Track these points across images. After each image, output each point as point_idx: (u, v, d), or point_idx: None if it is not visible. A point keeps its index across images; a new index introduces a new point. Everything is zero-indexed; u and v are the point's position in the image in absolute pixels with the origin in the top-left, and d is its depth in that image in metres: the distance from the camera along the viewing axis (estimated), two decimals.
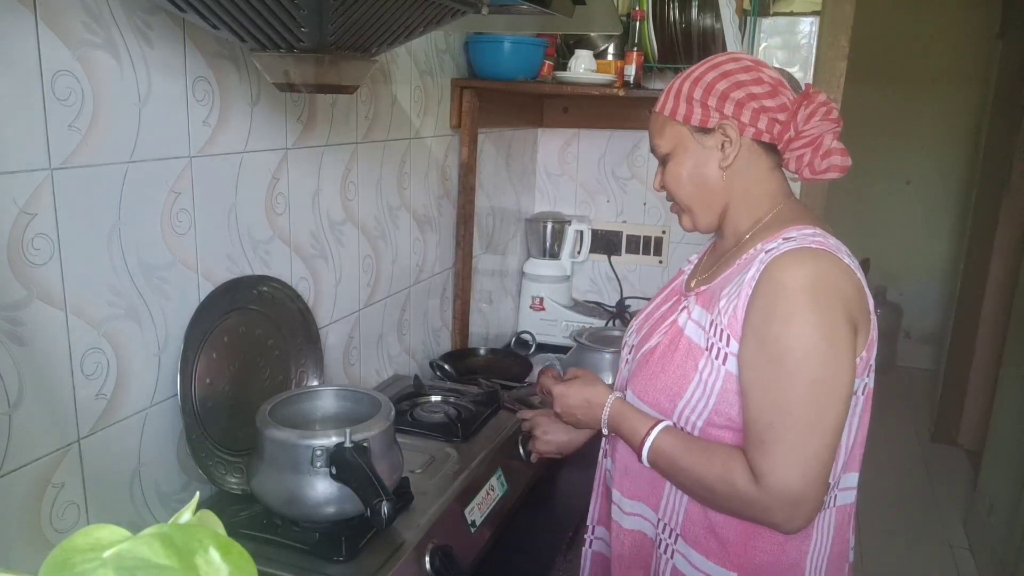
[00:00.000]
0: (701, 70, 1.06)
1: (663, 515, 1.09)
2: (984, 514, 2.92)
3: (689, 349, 1.03)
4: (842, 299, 0.94)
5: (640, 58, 1.91)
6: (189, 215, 1.08)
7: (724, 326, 0.99)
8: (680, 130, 1.06)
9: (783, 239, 1.00)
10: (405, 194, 1.68)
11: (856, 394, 0.99)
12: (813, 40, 2.15)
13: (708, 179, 1.07)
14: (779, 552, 1.01)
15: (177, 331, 1.06)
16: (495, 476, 1.28)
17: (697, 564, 1.05)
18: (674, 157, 1.08)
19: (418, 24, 0.98)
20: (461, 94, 1.83)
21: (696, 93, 1.04)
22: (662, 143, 1.09)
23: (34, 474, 0.89)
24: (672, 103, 1.07)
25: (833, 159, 1.01)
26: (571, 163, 2.47)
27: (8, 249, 0.83)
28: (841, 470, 1.02)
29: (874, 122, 4.71)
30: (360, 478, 0.95)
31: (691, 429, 1.03)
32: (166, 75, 1.01)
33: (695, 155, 1.06)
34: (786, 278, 0.94)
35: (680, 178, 1.08)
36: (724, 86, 1.03)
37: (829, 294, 0.93)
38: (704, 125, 1.04)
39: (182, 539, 0.31)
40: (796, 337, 0.92)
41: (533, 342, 2.18)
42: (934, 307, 4.88)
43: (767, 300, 0.94)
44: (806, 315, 0.92)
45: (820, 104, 1.00)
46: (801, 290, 0.93)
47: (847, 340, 0.93)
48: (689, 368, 1.02)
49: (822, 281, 0.94)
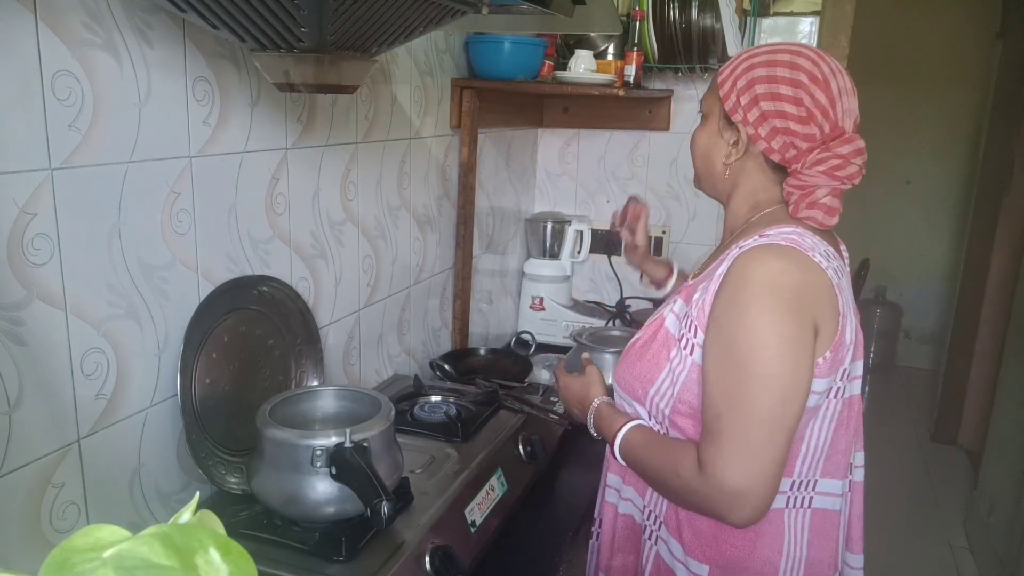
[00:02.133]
0: (760, 59, 1.02)
1: (648, 502, 1.12)
2: (984, 514, 2.92)
3: (665, 340, 1.06)
4: (803, 297, 0.93)
5: (640, 58, 1.91)
6: (189, 215, 1.08)
7: (694, 317, 1.01)
8: (717, 106, 1.06)
9: (758, 236, 1.00)
10: (405, 194, 1.68)
11: (827, 397, 0.99)
12: (813, 40, 2.15)
13: (713, 162, 1.09)
14: (750, 549, 1.02)
15: (177, 331, 1.06)
16: (495, 476, 1.28)
17: (676, 554, 1.07)
18: (702, 123, 1.11)
19: (418, 24, 0.98)
20: (461, 94, 1.83)
21: (740, 82, 1.02)
22: (704, 104, 1.11)
23: (34, 474, 0.89)
24: (727, 75, 1.05)
25: (814, 212, 0.98)
26: (571, 163, 2.47)
27: (8, 249, 0.83)
28: (818, 473, 1.02)
29: (874, 122, 4.68)
30: (360, 478, 0.95)
31: (660, 417, 1.05)
32: (166, 75, 1.01)
33: (712, 136, 1.08)
34: (748, 271, 0.94)
35: (697, 143, 1.12)
36: (762, 90, 0.99)
37: (789, 290, 0.92)
38: (731, 116, 1.04)
39: (182, 539, 0.31)
40: (750, 330, 0.92)
41: (533, 342, 2.18)
42: (934, 307, 4.88)
43: (729, 292, 0.95)
44: (762, 309, 0.92)
45: (835, 156, 0.96)
46: (760, 284, 0.92)
47: (804, 339, 0.92)
48: (662, 358, 1.05)
49: (783, 277, 0.93)
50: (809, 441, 1.00)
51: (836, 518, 1.06)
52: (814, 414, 0.99)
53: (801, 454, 1.01)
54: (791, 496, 1.02)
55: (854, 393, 1.04)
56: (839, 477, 1.05)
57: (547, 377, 1.97)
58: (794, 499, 1.02)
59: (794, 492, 1.02)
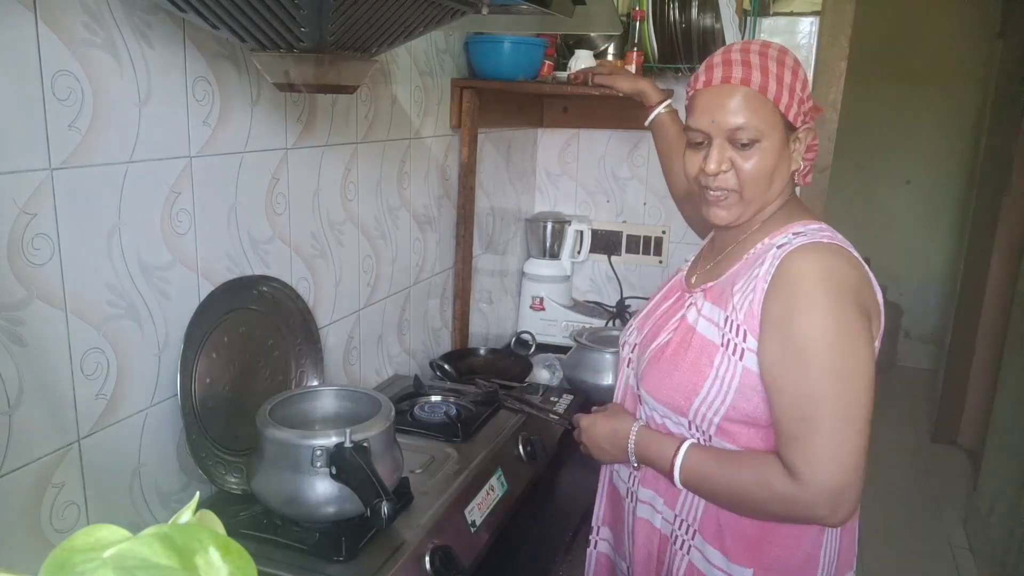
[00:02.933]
0: (787, 58, 1.00)
1: (680, 511, 1.09)
2: (984, 514, 2.92)
3: (703, 346, 1.02)
4: (858, 290, 0.96)
5: (640, 58, 1.91)
6: (189, 215, 1.08)
7: (740, 322, 0.99)
8: (777, 119, 0.98)
9: (792, 234, 1.01)
10: (405, 194, 1.68)
11: None
12: (813, 40, 2.15)
13: (774, 180, 1.01)
14: (794, 546, 1.02)
15: (177, 331, 1.06)
16: (495, 476, 1.28)
17: (714, 561, 1.05)
18: (764, 146, 0.99)
19: (418, 24, 0.98)
20: (461, 94, 1.83)
21: (797, 85, 0.98)
22: (758, 123, 0.97)
23: (34, 474, 0.89)
24: (774, 86, 0.97)
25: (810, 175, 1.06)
26: (571, 163, 2.47)
27: (8, 249, 0.83)
28: None
29: (874, 122, 4.72)
30: (360, 478, 0.95)
31: (707, 426, 1.03)
32: (166, 75, 1.01)
33: (780, 150, 1.00)
34: (802, 272, 0.94)
35: (765, 169, 0.99)
36: (801, 84, 1.00)
37: (844, 286, 0.94)
38: (795, 123, 0.99)
39: (182, 539, 0.31)
40: (820, 329, 0.92)
41: (533, 342, 2.18)
42: (934, 307, 4.88)
43: (785, 295, 0.95)
44: (825, 307, 0.93)
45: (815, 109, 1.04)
46: (818, 283, 0.93)
47: (865, 330, 0.94)
48: (704, 365, 1.01)
49: (836, 274, 0.95)
50: None
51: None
52: None
53: None
54: None
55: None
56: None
57: (547, 377, 1.97)
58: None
59: None
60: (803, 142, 1.03)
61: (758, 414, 0.99)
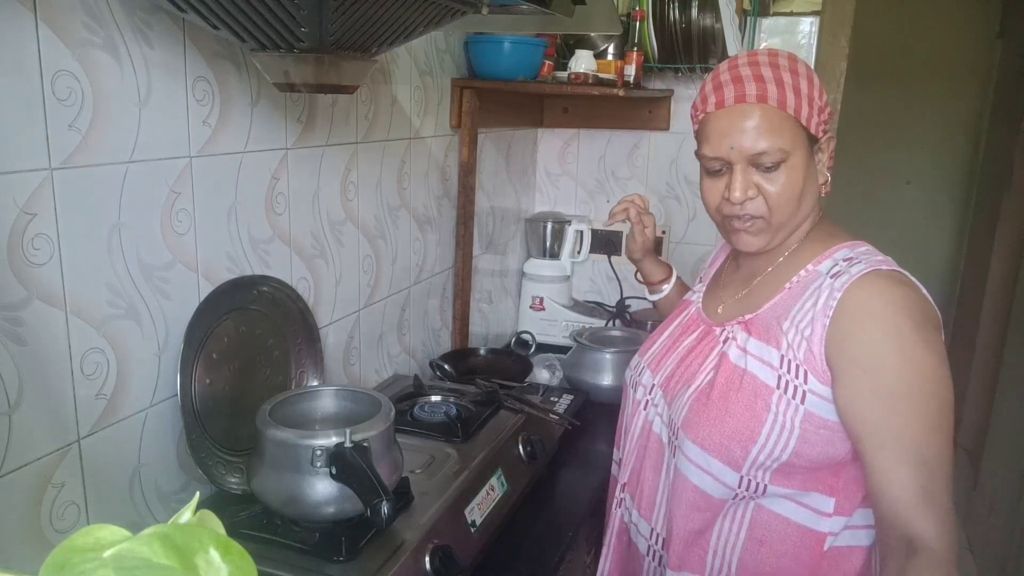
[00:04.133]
0: (800, 66, 0.93)
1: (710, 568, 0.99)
2: (984, 514, 2.92)
3: (756, 388, 0.92)
4: (934, 321, 0.89)
5: (640, 58, 1.91)
6: (189, 215, 1.08)
7: (799, 361, 0.89)
8: (801, 133, 0.92)
9: (843, 260, 0.92)
10: (405, 194, 1.68)
11: None
12: (813, 40, 2.15)
13: (806, 196, 0.94)
14: None
15: (177, 331, 1.06)
16: (495, 476, 1.28)
17: None
18: (791, 165, 0.92)
19: (418, 24, 0.98)
20: (461, 94, 1.83)
21: (815, 93, 0.92)
22: (782, 143, 0.90)
23: (34, 474, 0.89)
24: (793, 99, 0.91)
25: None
26: (571, 163, 2.47)
27: (8, 249, 0.83)
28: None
29: (874, 122, 4.71)
30: (360, 478, 0.95)
31: (762, 475, 0.93)
32: (166, 75, 1.01)
33: (807, 166, 0.93)
34: (879, 306, 0.86)
35: (794, 191, 0.92)
36: (816, 93, 0.93)
37: (924, 315, 0.87)
38: (817, 134, 0.93)
39: (182, 539, 0.31)
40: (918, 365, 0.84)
41: (533, 342, 2.18)
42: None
43: (865, 331, 0.86)
44: (918, 342, 0.85)
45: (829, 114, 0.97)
46: (901, 317, 0.85)
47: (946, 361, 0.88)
48: (760, 409, 0.91)
49: (914, 303, 0.87)
50: None
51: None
52: None
53: None
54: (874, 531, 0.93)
55: None
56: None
57: (547, 377, 1.97)
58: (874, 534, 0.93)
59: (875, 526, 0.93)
60: (825, 152, 0.96)
61: (823, 459, 0.91)
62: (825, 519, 0.92)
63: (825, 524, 0.92)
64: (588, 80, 1.86)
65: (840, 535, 0.92)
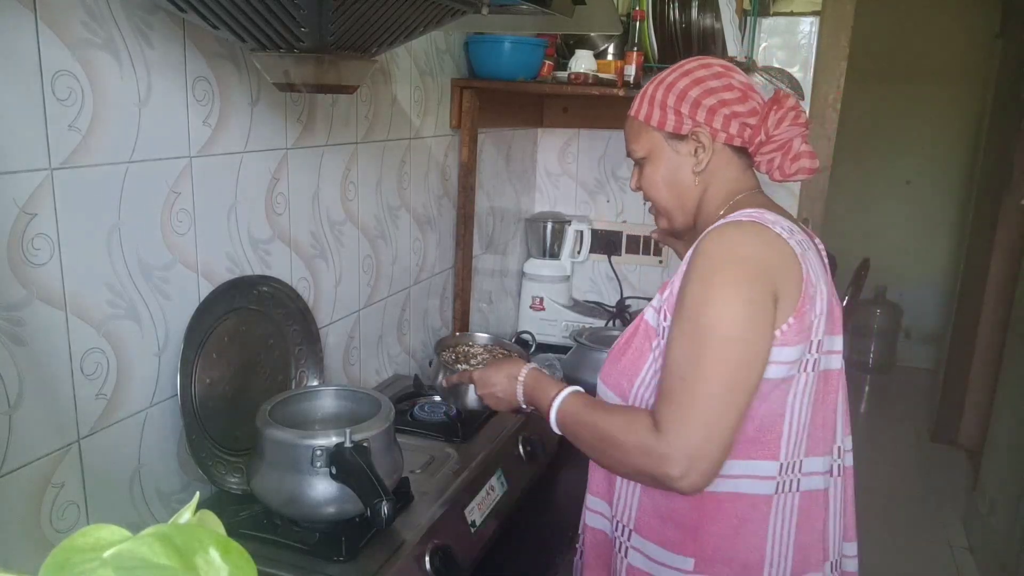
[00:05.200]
0: (674, 76, 1.09)
1: (616, 512, 1.10)
2: (984, 514, 2.92)
3: (646, 332, 1.06)
4: (762, 265, 0.96)
5: (640, 58, 1.91)
6: (189, 215, 1.08)
7: (666, 306, 1.02)
8: (655, 135, 1.10)
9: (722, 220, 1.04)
10: (405, 194, 1.68)
11: (801, 370, 0.99)
12: (813, 40, 2.15)
13: (682, 183, 1.10)
14: (733, 537, 1.01)
15: (177, 331, 1.06)
16: (495, 476, 1.29)
17: (653, 555, 1.05)
18: (650, 162, 1.11)
19: (418, 24, 0.98)
20: (461, 94, 1.83)
21: (670, 100, 1.07)
22: (638, 147, 1.12)
23: (34, 474, 0.89)
24: (647, 108, 1.10)
25: (802, 162, 1.04)
26: (571, 163, 2.47)
27: (8, 249, 0.83)
28: (802, 453, 1.02)
29: (874, 122, 4.72)
30: (360, 478, 0.95)
31: (645, 406, 1.04)
32: (166, 75, 1.01)
33: (669, 160, 1.10)
34: (709, 247, 0.97)
35: (656, 182, 1.12)
36: (696, 93, 1.06)
37: (748, 259, 0.96)
38: (678, 131, 1.07)
39: (182, 539, 0.31)
40: (711, 298, 0.94)
41: (533, 342, 2.18)
42: (934, 307, 4.88)
43: (691, 269, 0.98)
44: (724, 279, 0.95)
45: (789, 108, 1.03)
46: (720, 255, 0.96)
47: (763, 306, 0.95)
48: (645, 349, 1.05)
49: (741, 248, 0.97)
50: (791, 419, 1.00)
51: (821, 497, 1.06)
52: (789, 387, 0.99)
53: (785, 435, 1.00)
54: (781, 480, 1.01)
55: (831, 368, 1.04)
56: (821, 454, 1.05)
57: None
58: (784, 483, 1.02)
59: (783, 476, 1.01)
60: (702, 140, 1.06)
61: None
62: None
63: None
64: (588, 80, 1.86)
65: (719, 481, 0.99)
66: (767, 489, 1.01)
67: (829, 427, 1.06)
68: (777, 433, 1.00)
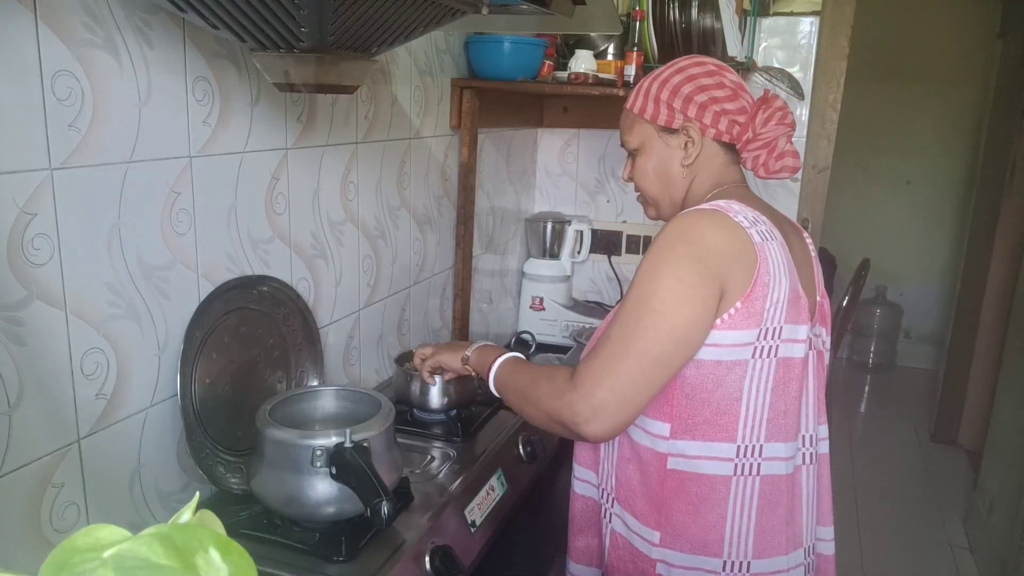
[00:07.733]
0: (668, 72, 1.13)
1: (601, 480, 1.16)
2: (984, 514, 2.92)
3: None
4: (711, 249, 1.00)
5: (640, 58, 1.91)
6: (189, 215, 1.08)
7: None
8: (648, 128, 1.14)
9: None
10: (405, 194, 1.68)
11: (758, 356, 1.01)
12: (813, 40, 2.15)
13: (671, 174, 1.15)
14: (693, 514, 1.05)
15: (177, 331, 1.06)
16: (495, 476, 1.29)
17: (631, 525, 1.10)
18: (642, 153, 1.16)
19: (418, 24, 0.98)
20: (461, 94, 1.83)
21: (663, 94, 1.12)
22: (631, 139, 1.17)
23: (34, 474, 0.89)
24: (641, 102, 1.14)
25: (786, 160, 1.09)
26: (571, 163, 2.47)
27: (8, 249, 0.83)
28: (762, 438, 1.04)
29: (874, 122, 4.71)
30: (360, 478, 0.95)
31: None
32: (166, 75, 1.01)
33: (660, 152, 1.14)
34: (668, 228, 1.03)
35: (646, 173, 1.16)
36: (689, 89, 1.10)
37: (694, 243, 1.00)
38: (669, 125, 1.12)
39: (182, 539, 0.31)
40: (653, 272, 0.99)
41: (533, 342, 2.18)
42: (934, 307, 4.88)
43: (649, 246, 1.03)
44: (669, 257, 0.99)
45: (776, 109, 1.07)
46: (671, 236, 1.01)
47: (704, 288, 0.98)
48: None
49: (692, 231, 1.01)
50: (748, 404, 1.03)
51: (784, 482, 1.07)
52: (745, 372, 1.01)
53: (742, 418, 1.03)
54: (739, 463, 1.04)
55: (793, 356, 1.05)
56: (783, 440, 1.07)
57: None
58: (742, 466, 1.04)
59: (741, 459, 1.04)
60: (691, 135, 1.11)
61: None
62: (663, 441, 1.06)
63: (663, 446, 1.06)
64: (588, 80, 1.86)
65: (680, 460, 1.05)
66: (725, 470, 1.04)
67: (792, 414, 1.08)
68: (734, 416, 1.03)
